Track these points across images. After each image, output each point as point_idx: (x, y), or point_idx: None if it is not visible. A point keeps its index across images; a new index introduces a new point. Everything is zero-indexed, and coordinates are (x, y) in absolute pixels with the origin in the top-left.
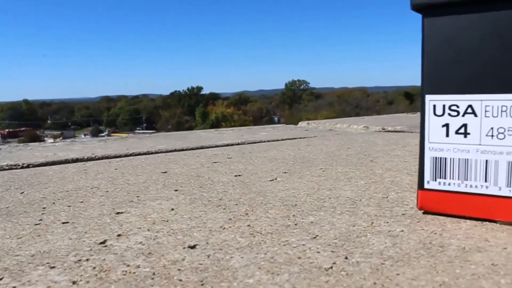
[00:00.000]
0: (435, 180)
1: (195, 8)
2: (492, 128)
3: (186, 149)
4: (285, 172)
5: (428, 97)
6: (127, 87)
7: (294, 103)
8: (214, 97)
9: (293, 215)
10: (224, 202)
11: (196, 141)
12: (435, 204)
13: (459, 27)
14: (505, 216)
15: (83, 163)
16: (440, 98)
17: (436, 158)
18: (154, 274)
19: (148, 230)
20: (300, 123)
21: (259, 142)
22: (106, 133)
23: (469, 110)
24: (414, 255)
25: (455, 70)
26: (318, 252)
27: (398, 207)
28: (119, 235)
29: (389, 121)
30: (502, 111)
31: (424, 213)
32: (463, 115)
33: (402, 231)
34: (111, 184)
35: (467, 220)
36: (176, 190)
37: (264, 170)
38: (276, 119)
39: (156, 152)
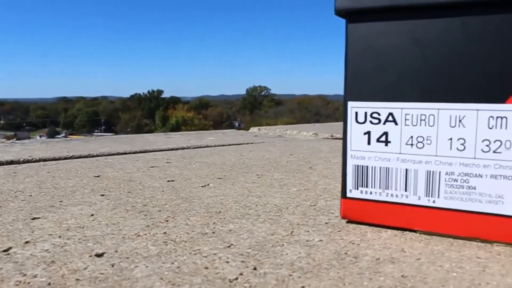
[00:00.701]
0: (357, 188)
1: (156, 10)
2: (411, 137)
3: (129, 153)
4: (220, 178)
5: (350, 104)
6: (86, 88)
7: (255, 109)
8: (174, 101)
9: (214, 223)
10: (147, 208)
11: (141, 145)
12: (358, 213)
13: (381, 34)
14: (424, 226)
15: (15, 165)
16: (362, 105)
17: (358, 166)
18: (49, 284)
19: (60, 236)
20: (251, 128)
21: (204, 147)
22: (63, 135)
23: (390, 118)
24: (325, 266)
25: (377, 77)
26: (228, 262)
27: (324, 215)
28: (26, 242)
29: (339, 128)
30: (421, 119)
31: (347, 222)
32: (384, 123)
33: (321, 240)
34: (37, 188)
35: (389, 230)
36: (102, 195)
37: (199, 175)
38: (236, 124)
39: (98, 155)
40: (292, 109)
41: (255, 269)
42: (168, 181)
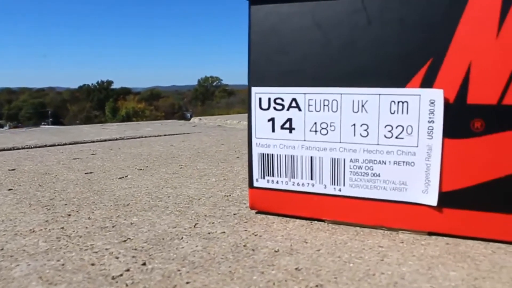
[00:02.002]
0: (264, 178)
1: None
2: (315, 123)
3: (58, 145)
4: (141, 169)
5: (254, 90)
6: (31, 79)
7: (207, 100)
8: (125, 92)
9: (118, 216)
10: (53, 202)
11: (72, 136)
12: (265, 203)
13: (284, 16)
14: (331, 215)
15: None
16: (266, 91)
17: (263, 154)
18: None
19: None
20: (192, 119)
21: (138, 137)
22: (7, 127)
23: (293, 104)
24: (219, 260)
25: (280, 61)
26: (117, 258)
27: (235, 206)
28: None
29: None
30: (324, 105)
31: (257, 212)
32: (288, 109)
33: (223, 232)
34: None
35: (297, 220)
36: (10, 190)
37: (120, 167)
38: (188, 115)
39: (23, 148)
40: (244, 99)
41: (144, 264)
42: (86, 173)
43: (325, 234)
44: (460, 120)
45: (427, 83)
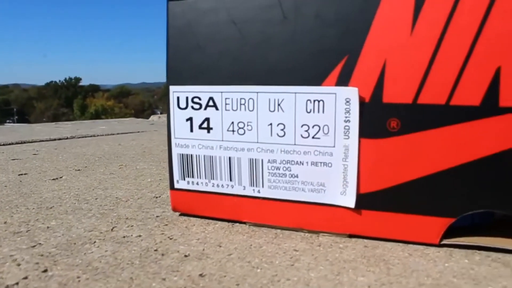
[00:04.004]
0: (184, 179)
1: None
2: (232, 123)
3: (4, 144)
4: (78, 170)
5: (172, 88)
6: None
7: None
8: (94, 89)
9: (36, 220)
10: None
11: (20, 135)
12: (187, 205)
13: (200, 12)
14: (252, 217)
15: None
16: (184, 90)
17: (182, 155)
18: None
19: None
20: (151, 117)
21: (90, 136)
22: None
23: (211, 103)
24: (124, 266)
25: (197, 59)
26: (19, 265)
27: (161, 208)
28: None
29: None
30: (241, 104)
31: (180, 214)
32: (205, 108)
33: (139, 236)
34: None
35: (219, 222)
36: None
37: (58, 168)
38: (159, 112)
39: None
40: None
41: (45, 271)
42: (20, 174)
43: (242, 237)
44: (376, 120)
45: (343, 81)
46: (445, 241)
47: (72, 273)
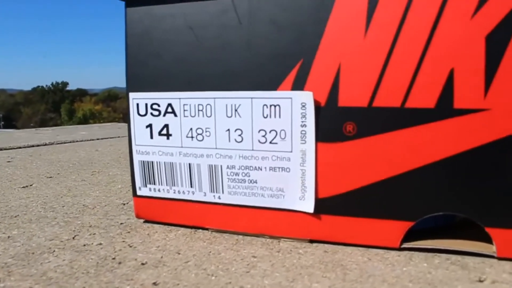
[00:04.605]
0: (146, 186)
1: None
2: (191, 129)
3: None
4: (50, 177)
5: (131, 95)
6: None
7: None
8: (81, 93)
9: None
10: None
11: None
12: (150, 212)
13: (158, 19)
14: (213, 223)
15: None
16: (143, 96)
17: (144, 162)
18: None
19: None
20: None
21: (69, 142)
22: None
23: (169, 109)
24: (78, 275)
25: (155, 65)
26: None
27: (126, 215)
28: None
29: None
30: (199, 110)
31: (145, 221)
32: (164, 115)
33: (100, 244)
34: None
35: (181, 229)
36: None
37: (30, 175)
38: None
39: None
40: None
41: None
42: None
43: (202, 244)
44: (332, 124)
45: (298, 85)
46: (405, 245)
47: (25, 283)
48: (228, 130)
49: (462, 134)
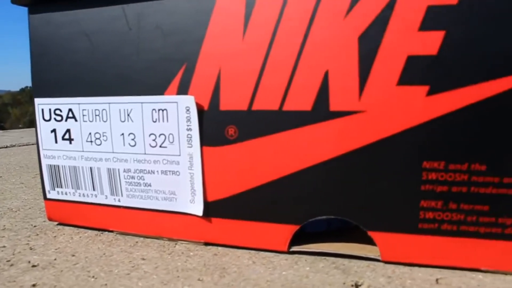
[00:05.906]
0: (54, 189)
1: None
2: (90, 134)
3: None
4: None
5: (37, 101)
6: None
7: None
8: None
9: None
10: None
11: None
12: (59, 215)
13: (58, 25)
14: (116, 226)
15: None
16: (47, 102)
17: (51, 166)
18: None
19: None
20: None
21: (32, 144)
22: None
23: (70, 114)
24: None
25: (57, 71)
26: None
27: (43, 218)
28: None
29: None
30: (96, 115)
31: (58, 224)
32: (66, 120)
33: (3, 247)
34: None
35: (88, 231)
36: None
37: None
38: None
39: None
40: None
41: None
42: None
43: (101, 246)
44: (215, 128)
45: (183, 90)
46: (294, 248)
47: None
48: (123, 134)
49: (340, 137)
